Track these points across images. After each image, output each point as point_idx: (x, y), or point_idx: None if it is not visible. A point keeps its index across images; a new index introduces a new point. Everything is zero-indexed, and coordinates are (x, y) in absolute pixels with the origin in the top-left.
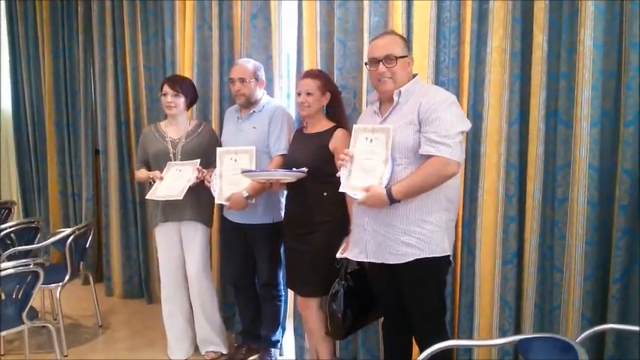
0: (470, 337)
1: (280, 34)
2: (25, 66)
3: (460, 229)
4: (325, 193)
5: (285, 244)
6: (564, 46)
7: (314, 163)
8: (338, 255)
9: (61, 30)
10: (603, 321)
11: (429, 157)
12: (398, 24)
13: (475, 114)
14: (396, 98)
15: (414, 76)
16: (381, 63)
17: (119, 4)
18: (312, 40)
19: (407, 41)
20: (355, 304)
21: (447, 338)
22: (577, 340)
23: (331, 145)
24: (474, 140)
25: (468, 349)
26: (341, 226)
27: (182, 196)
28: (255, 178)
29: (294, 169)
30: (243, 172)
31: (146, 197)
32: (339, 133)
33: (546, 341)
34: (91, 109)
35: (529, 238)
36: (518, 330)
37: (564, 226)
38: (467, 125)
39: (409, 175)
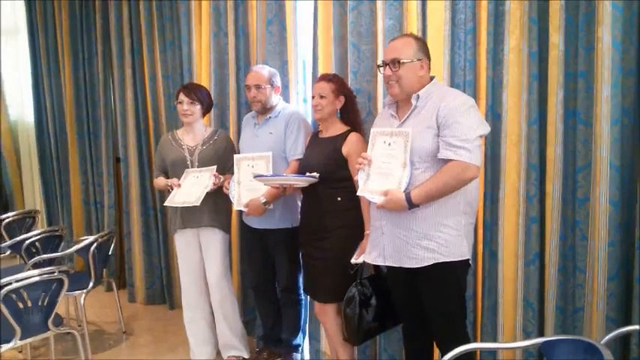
0: (494, 338)
1: (296, 39)
2: (46, 77)
3: (481, 230)
4: (339, 198)
5: (301, 250)
6: (582, 44)
7: (327, 168)
8: (353, 260)
9: (80, 42)
10: (628, 322)
11: (447, 161)
12: (413, 27)
13: (494, 115)
14: (414, 102)
15: (432, 78)
16: (387, 66)
17: (136, 15)
18: (327, 44)
19: (425, 44)
20: (371, 310)
21: (468, 341)
22: (602, 342)
23: (344, 150)
24: (493, 142)
25: (492, 351)
26: (355, 232)
27: (200, 202)
28: (267, 183)
29: (307, 173)
30: (256, 176)
31: (164, 204)
32: (353, 137)
33: (570, 343)
34: (111, 118)
35: (549, 239)
36: (541, 331)
37: (586, 226)
38: (486, 129)
39: (428, 179)
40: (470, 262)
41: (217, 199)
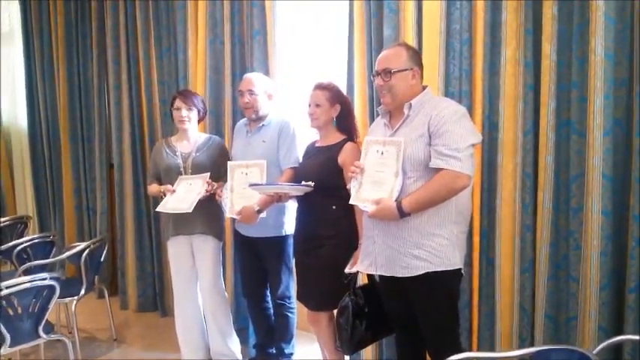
0: (490, 345)
1: (275, 50)
2: (40, 82)
3: (478, 238)
4: (334, 207)
5: (295, 258)
6: (575, 55)
7: (322, 177)
8: (346, 270)
9: (75, 46)
10: (620, 331)
11: (439, 170)
12: (409, 37)
13: (491, 125)
14: (406, 111)
15: (425, 88)
16: (379, 76)
17: (132, 20)
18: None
19: (416, 52)
20: (364, 319)
21: (460, 350)
22: (594, 352)
23: (340, 159)
24: (489, 151)
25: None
26: (349, 240)
27: (192, 209)
28: (263, 192)
29: (302, 182)
30: (251, 185)
31: (156, 210)
32: (348, 146)
33: (563, 353)
34: (106, 124)
35: (540, 247)
36: (534, 339)
37: (579, 236)
38: (477, 138)
39: (419, 188)
40: (462, 271)
41: (210, 206)
